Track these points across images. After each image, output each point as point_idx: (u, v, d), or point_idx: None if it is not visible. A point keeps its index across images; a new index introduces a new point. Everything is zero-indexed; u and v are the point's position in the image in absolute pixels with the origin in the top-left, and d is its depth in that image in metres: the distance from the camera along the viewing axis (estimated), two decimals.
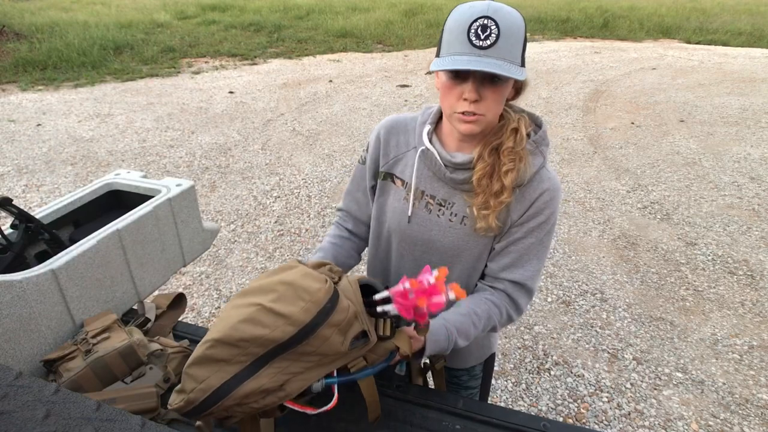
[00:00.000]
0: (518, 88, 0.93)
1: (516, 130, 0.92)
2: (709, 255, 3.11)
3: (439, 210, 1.00)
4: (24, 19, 10.00)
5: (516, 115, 0.95)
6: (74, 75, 7.31)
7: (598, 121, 5.58)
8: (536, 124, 0.98)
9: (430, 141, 0.99)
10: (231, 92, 6.70)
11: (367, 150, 1.11)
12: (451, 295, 0.78)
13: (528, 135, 0.94)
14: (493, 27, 0.79)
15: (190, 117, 5.72)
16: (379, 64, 8.39)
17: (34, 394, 0.64)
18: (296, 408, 0.80)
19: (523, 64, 0.85)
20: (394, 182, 1.06)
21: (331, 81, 7.25)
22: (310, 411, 0.80)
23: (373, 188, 1.12)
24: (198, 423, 0.83)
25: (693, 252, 3.15)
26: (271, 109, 6.04)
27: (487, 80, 0.84)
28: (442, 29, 0.87)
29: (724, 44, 9.97)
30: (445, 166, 0.97)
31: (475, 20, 0.80)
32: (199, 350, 0.75)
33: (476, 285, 1.07)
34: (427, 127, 1.00)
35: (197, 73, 7.72)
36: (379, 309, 0.82)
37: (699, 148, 4.77)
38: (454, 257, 1.03)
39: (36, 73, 7.26)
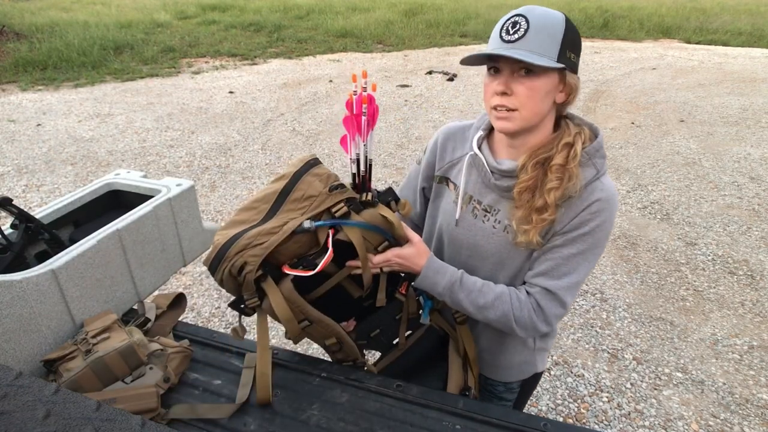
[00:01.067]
0: (568, 92, 0.89)
1: (570, 145, 0.89)
2: (709, 255, 3.11)
3: (485, 216, 1.01)
4: (24, 19, 10.00)
5: (575, 128, 0.92)
6: (74, 75, 7.31)
7: (598, 121, 5.58)
8: (594, 134, 0.94)
9: (480, 147, 1.00)
10: (231, 92, 6.71)
11: (424, 152, 1.15)
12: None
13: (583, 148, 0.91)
14: (522, 22, 0.82)
15: (190, 117, 5.72)
16: (379, 64, 8.39)
17: (34, 394, 0.64)
18: (296, 273, 0.93)
19: (560, 60, 0.83)
20: (447, 186, 1.09)
21: (331, 81, 7.25)
22: (308, 273, 0.92)
23: (424, 189, 1.17)
24: (234, 327, 1.05)
25: (693, 252, 3.15)
26: (271, 109, 6.04)
27: (518, 73, 0.85)
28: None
29: (724, 44, 9.97)
30: (492, 172, 0.97)
31: (509, 18, 0.84)
32: (227, 220, 1.00)
33: None
34: (480, 133, 1.02)
35: (197, 73, 7.72)
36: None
37: (699, 148, 4.77)
38: (498, 264, 1.02)
39: (36, 73, 7.26)
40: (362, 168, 0.98)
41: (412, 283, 1.03)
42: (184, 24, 11.04)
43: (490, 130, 1.03)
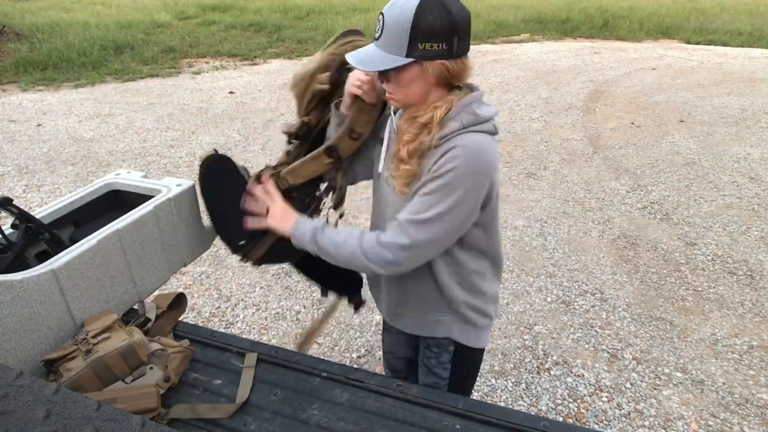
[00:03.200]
0: (437, 75, 0.95)
1: (435, 108, 0.98)
2: (708, 255, 3.11)
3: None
4: (24, 20, 10.00)
5: (454, 95, 1.00)
6: (75, 75, 7.31)
7: (597, 121, 5.58)
8: (471, 91, 1.03)
9: (396, 111, 1.13)
10: (231, 92, 6.71)
11: None
12: None
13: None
14: (381, 20, 0.94)
15: (191, 117, 5.72)
16: None
17: (34, 393, 0.64)
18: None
19: (410, 54, 0.91)
20: (380, 142, 1.20)
21: None
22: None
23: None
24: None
25: (693, 252, 3.15)
26: (272, 109, 6.04)
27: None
28: None
29: (724, 44, 9.97)
30: (395, 132, 1.09)
31: (380, 13, 0.94)
32: None
33: None
34: None
35: (197, 73, 7.73)
36: None
37: (699, 148, 4.77)
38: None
39: (36, 73, 7.26)
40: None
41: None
42: (184, 24, 11.04)
43: None
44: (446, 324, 1.19)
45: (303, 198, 1.25)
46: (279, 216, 1.16)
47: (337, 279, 1.39)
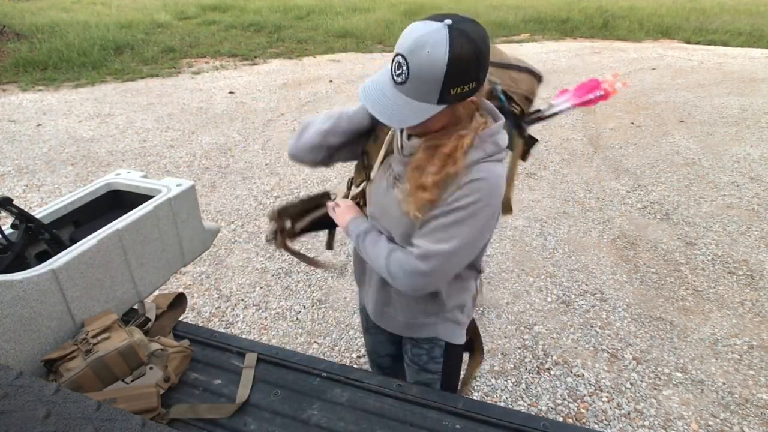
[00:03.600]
0: (472, 110, 0.95)
1: (461, 137, 0.94)
2: (708, 255, 3.11)
3: (395, 183, 1.08)
4: (24, 20, 10.00)
5: (476, 122, 0.96)
6: (74, 75, 7.31)
7: (597, 121, 5.59)
8: (495, 120, 1.00)
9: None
10: (231, 92, 6.71)
11: None
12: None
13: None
14: (404, 68, 0.85)
15: (191, 117, 5.72)
16: (380, 65, 8.39)
17: (34, 393, 0.64)
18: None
19: (441, 101, 0.86)
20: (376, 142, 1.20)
21: (331, 81, 7.25)
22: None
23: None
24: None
25: (693, 252, 3.15)
26: (272, 109, 6.04)
27: None
28: None
29: (724, 44, 9.97)
30: (402, 147, 1.06)
31: (397, 54, 0.86)
32: None
33: None
34: None
35: (197, 73, 7.73)
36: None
37: (698, 148, 4.77)
38: (399, 228, 1.09)
39: (36, 73, 7.26)
40: (547, 113, 1.16)
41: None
42: (184, 24, 11.03)
43: None
44: (432, 325, 1.21)
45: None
46: (342, 211, 1.20)
47: None
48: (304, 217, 1.31)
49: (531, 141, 1.14)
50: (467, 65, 0.83)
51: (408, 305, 1.18)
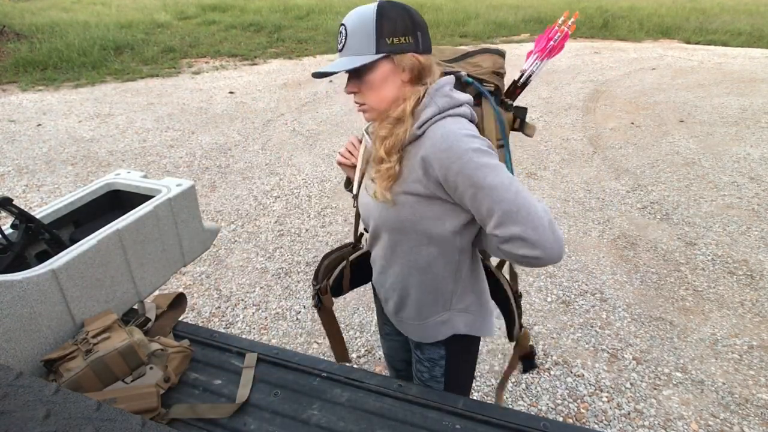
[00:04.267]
0: (411, 69, 0.96)
1: (406, 99, 0.97)
2: (708, 255, 3.11)
3: (370, 189, 1.09)
4: (24, 20, 10.00)
5: (421, 87, 0.98)
6: (74, 75, 7.31)
7: (597, 121, 5.59)
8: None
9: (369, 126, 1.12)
10: (231, 92, 6.71)
11: None
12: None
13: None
14: (343, 30, 0.96)
15: (191, 117, 5.72)
16: None
17: (34, 393, 0.64)
18: None
19: (379, 50, 0.93)
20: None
21: (331, 81, 7.25)
22: None
23: None
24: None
25: (693, 252, 3.15)
26: (271, 109, 6.04)
27: (352, 76, 0.99)
28: None
29: (724, 44, 9.97)
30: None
31: (339, 26, 0.97)
32: None
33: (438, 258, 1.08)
34: None
35: (197, 73, 7.73)
36: None
37: (698, 148, 4.77)
38: (392, 234, 1.08)
39: (36, 73, 7.26)
40: (520, 80, 1.17)
41: None
42: (184, 24, 11.04)
43: None
44: (447, 322, 1.17)
45: None
46: None
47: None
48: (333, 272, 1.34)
49: (520, 111, 1.15)
50: (395, 18, 0.92)
51: (420, 306, 1.15)
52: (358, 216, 1.27)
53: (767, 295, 2.74)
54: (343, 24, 0.96)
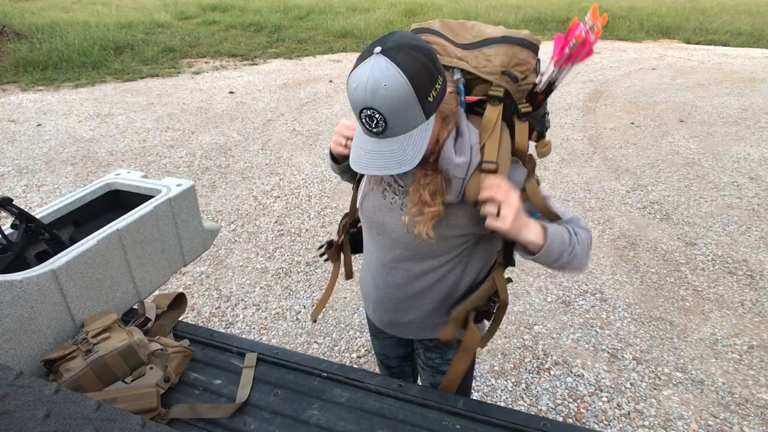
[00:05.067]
0: (452, 103, 0.90)
1: (437, 142, 0.92)
2: (708, 255, 3.11)
3: (390, 194, 1.06)
4: (24, 20, 10.00)
5: (450, 117, 0.92)
6: (74, 75, 7.31)
7: (597, 121, 5.59)
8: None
9: None
10: (231, 92, 6.71)
11: None
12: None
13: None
14: (377, 116, 0.80)
15: (191, 117, 5.72)
16: None
17: (34, 393, 0.64)
18: None
19: (429, 113, 0.83)
20: None
21: (331, 81, 7.25)
22: None
23: None
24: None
25: (693, 252, 3.15)
26: (272, 109, 6.04)
27: None
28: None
29: (724, 44, 9.97)
30: None
31: (362, 112, 0.81)
32: None
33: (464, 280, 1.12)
34: None
35: (197, 73, 7.73)
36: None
37: (699, 148, 4.77)
38: (404, 244, 1.07)
39: (36, 73, 7.26)
40: (540, 86, 0.97)
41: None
42: (184, 24, 11.04)
43: None
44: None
45: None
46: (518, 216, 0.92)
47: None
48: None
49: (537, 123, 1.00)
50: (424, 68, 0.80)
51: (428, 308, 1.15)
52: (354, 201, 1.24)
53: (767, 295, 2.74)
54: (370, 108, 0.79)
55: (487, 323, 1.20)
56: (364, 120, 0.82)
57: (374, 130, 0.83)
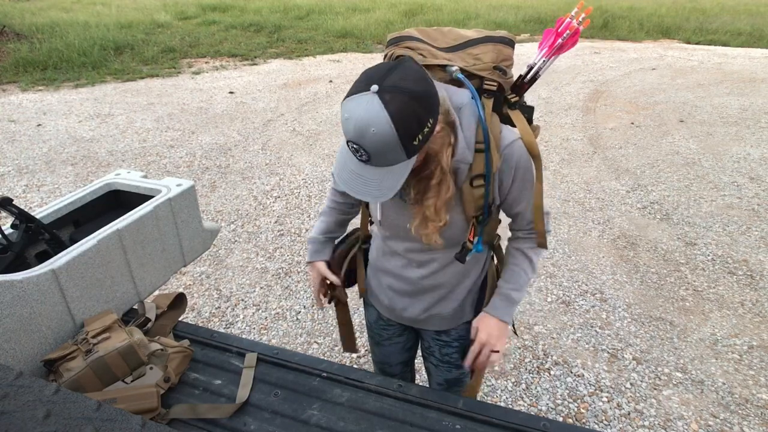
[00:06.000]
0: (446, 139, 0.95)
1: (439, 164, 0.96)
2: (708, 255, 3.11)
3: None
4: (24, 20, 10.00)
5: (449, 138, 0.96)
6: (75, 75, 7.31)
7: (597, 121, 5.58)
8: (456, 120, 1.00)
9: None
10: (231, 92, 6.71)
11: None
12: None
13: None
14: (362, 150, 0.84)
15: (191, 117, 5.72)
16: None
17: (34, 393, 0.64)
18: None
19: (410, 155, 0.86)
20: None
21: (331, 81, 7.25)
22: None
23: None
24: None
25: (693, 252, 3.15)
26: (272, 109, 6.04)
27: None
28: None
29: (724, 44, 9.97)
30: None
31: (349, 141, 0.85)
32: None
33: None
34: None
35: (197, 73, 7.73)
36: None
37: (699, 148, 4.77)
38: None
39: (36, 73, 7.26)
40: (527, 76, 1.10)
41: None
42: (184, 24, 11.04)
43: None
44: (462, 310, 1.25)
45: None
46: (496, 334, 1.15)
47: None
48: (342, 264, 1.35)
49: (525, 110, 1.10)
50: (414, 116, 0.82)
51: (460, 293, 1.22)
52: (365, 217, 1.31)
53: (767, 295, 2.74)
54: (354, 142, 0.84)
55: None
56: (350, 147, 0.87)
57: (358, 158, 0.88)
